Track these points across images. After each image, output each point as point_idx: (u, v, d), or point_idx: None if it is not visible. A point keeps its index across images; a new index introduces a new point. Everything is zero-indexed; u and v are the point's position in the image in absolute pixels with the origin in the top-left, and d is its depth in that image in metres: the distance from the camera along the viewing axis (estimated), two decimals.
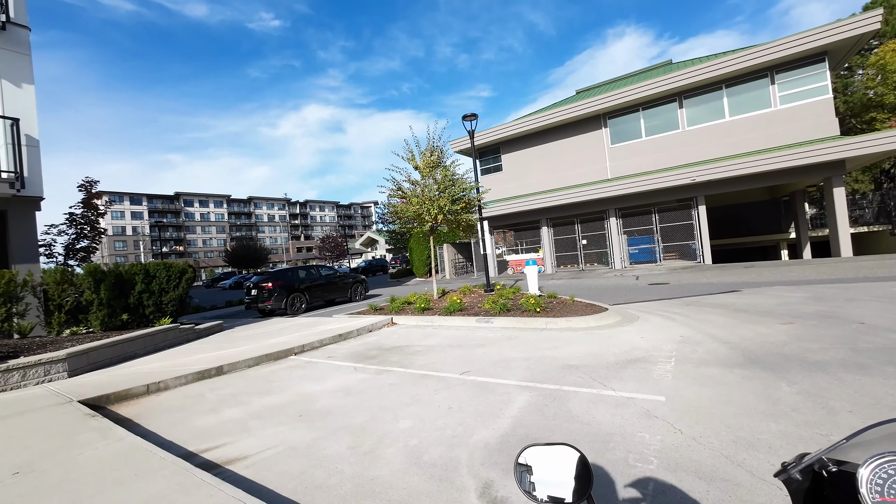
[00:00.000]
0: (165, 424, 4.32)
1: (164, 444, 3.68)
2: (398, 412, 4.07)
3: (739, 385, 3.90)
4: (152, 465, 3.01)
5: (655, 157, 17.38)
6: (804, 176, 14.87)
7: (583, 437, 3.16)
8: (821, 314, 6.34)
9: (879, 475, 0.64)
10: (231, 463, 3.29)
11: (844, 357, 4.36)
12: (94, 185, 15.89)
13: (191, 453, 3.53)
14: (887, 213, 20.86)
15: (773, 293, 8.57)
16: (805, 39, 13.88)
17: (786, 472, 0.80)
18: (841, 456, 0.75)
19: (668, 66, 20.52)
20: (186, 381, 5.89)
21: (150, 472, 2.90)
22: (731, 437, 2.94)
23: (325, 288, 15.08)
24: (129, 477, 2.86)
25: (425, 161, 11.01)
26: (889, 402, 3.27)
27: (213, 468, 3.19)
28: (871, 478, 0.64)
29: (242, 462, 3.29)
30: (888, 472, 0.64)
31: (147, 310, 9.52)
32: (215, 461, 3.34)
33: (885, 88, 22.68)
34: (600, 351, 5.59)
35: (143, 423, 4.43)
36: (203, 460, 3.37)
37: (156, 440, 3.78)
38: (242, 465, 3.23)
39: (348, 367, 6.11)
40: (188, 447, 3.66)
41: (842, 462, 0.74)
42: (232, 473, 3.10)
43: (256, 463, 3.25)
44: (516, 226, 21.92)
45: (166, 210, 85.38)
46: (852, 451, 0.74)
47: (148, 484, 2.74)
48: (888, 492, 0.62)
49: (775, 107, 15.19)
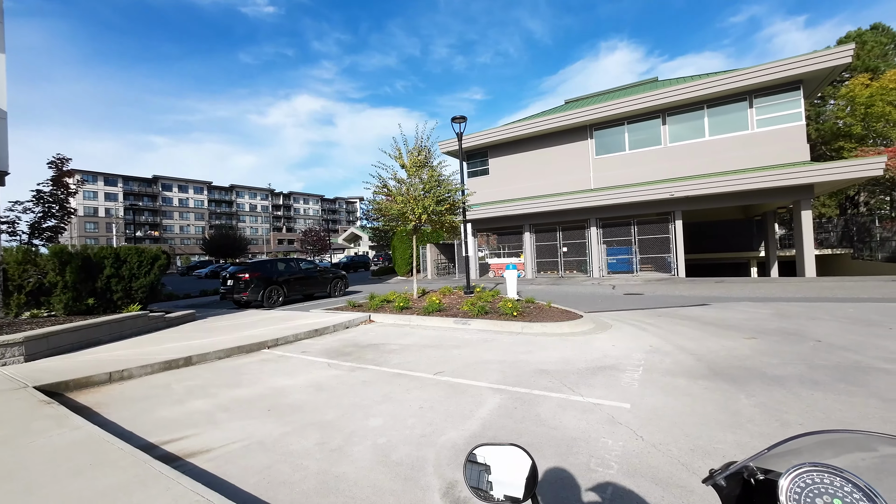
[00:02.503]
0: (127, 414, 4.19)
1: (124, 435, 3.56)
2: (369, 410, 4.06)
3: (702, 395, 4.05)
4: (110, 456, 2.91)
5: (637, 171, 17.81)
6: (775, 198, 15.51)
7: (549, 441, 3.22)
8: (783, 330, 6.62)
9: (798, 484, 0.68)
10: (193, 456, 3.21)
11: (801, 373, 4.57)
12: (65, 162, 15.23)
13: (152, 445, 3.43)
14: (850, 237, 21.96)
15: (741, 308, 8.90)
16: (783, 67, 14.49)
17: (712, 478, 0.84)
18: (767, 464, 0.79)
19: (654, 84, 21.07)
20: (152, 370, 5.71)
21: (107, 463, 2.81)
22: (689, 446, 3.04)
23: (303, 282, 14.86)
24: (84, 467, 2.77)
25: (412, 160, 10.99)
26: (838, 416, 3.44)
27: (173, 461, 3.11)
28: (790, 487, 0.68)
29: (205, 455, 3.22)
30: (806, 481, 0.68)
31: (115, 295, 9.19)
32: (177, 453, 3.26)
33: (854, 119, 23.89)
34: (573, 357, 5.70)
35: (103, 412, 4.28)
36: (164, 452, 3.28)
37: (115, 430, 3.66)
38: (205, 459, 3.16)
39: (322, 362, 6.04)
40: (149, 438, 3.56)
41: (769, 471, 0.77)
42: (193, 466, 3.03)
43: (220, 456, 3.19)
44: (500, 230, 22.10)
45: (143, 193, 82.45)
46: (779, 460, 0.78)
47: (104, 475, 2.66)
48: (805, 501, 0.66)
49: (752, 129, 15.80)
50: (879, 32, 28.11)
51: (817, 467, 0.67)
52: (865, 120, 23.35)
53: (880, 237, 19.37)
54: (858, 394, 3.89)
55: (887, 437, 0.71)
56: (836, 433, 0.75)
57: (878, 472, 0.67)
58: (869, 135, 23.80)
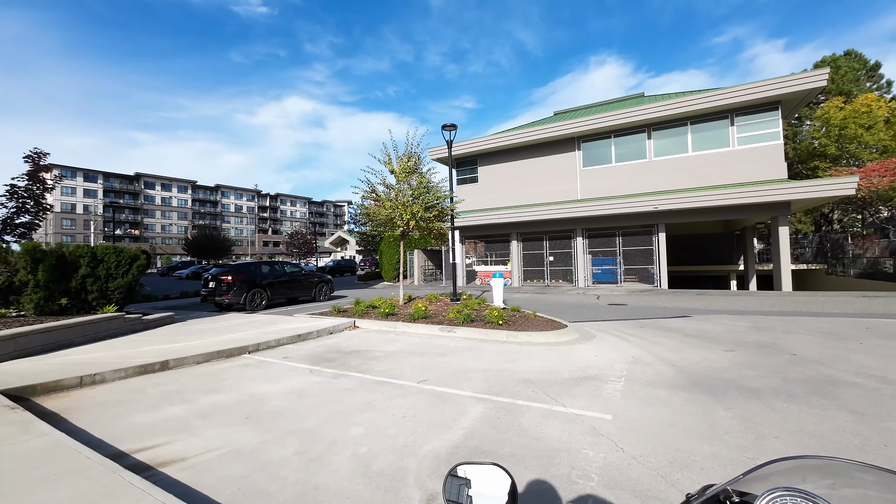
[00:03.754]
0: (98, 421, 4.04)
1: (93, 443, 3.43)
2: (351, 418, 4.00)
3: (682, 407, 4.11)
4: (76, 465, 2.80)
5: (623, 183, 18.16)
6: (754, 213, 15.99)
7: (531, 452, 3.22)
8: (760, 343, 6.79)
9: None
10: (166, 465, 3.11)
11: (776, 385, 4.68)
12: (42, 156, 14.75)
13: (122, 453, 3.31)
14: (824, 253, 22.74)
15: (721, 321, 9.10)
16: (762, 88, 15.03)
17: (689, 502, 0.85)
18: (743, 488, 0.81)
19: (640, 99, 21.61)
20: (127, 374, 5.53)
21: (73, 472, 2.69)
22: (668, 458, 3.08)
23: (288, 285, 14.64)
24: (48, 477, 2.65)
25: (402, 166, 10.99)
26: (811, 429, 3.53)
27: (145, 470, 3.00)
28: None
29: (179, 464, 3.12)
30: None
31: (90, 296, 8.90)
32: (149, 463, 3.15)
33: (828, 140, 24.89)
34: (556, 366, 5.73)
35: (72, 418, 4.12)
36: (135, 461, 3.17)
37: (84, 438, 3.53)
38: (179, 468, 3.06)
39: (304, 368, 5.94)
40: (120, 446, 3.44)
41: (744, 493, 0.79)
42: (165, 476, 2.93)
43: (195, 465, 3.10)
44: (487, 237, 22.22)
45: (124, 191, 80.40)
46: (754, 484, 0.80)
47: (69, 485, 2.55)
48: None
49: (733, 146, 16.30)
50: (852, 59, 29.45)
51: (791, 492, 0.69)
52: (839, 141, 24.35)
53: (852, 254, 20.11)
54: (830, 407, 4.00)
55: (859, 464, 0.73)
56: (810, 459, 0.78)
57: (850, 498, 0.69)
58: (842, 155, 24.82)
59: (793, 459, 0.79)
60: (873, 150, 24.18)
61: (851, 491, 0.71)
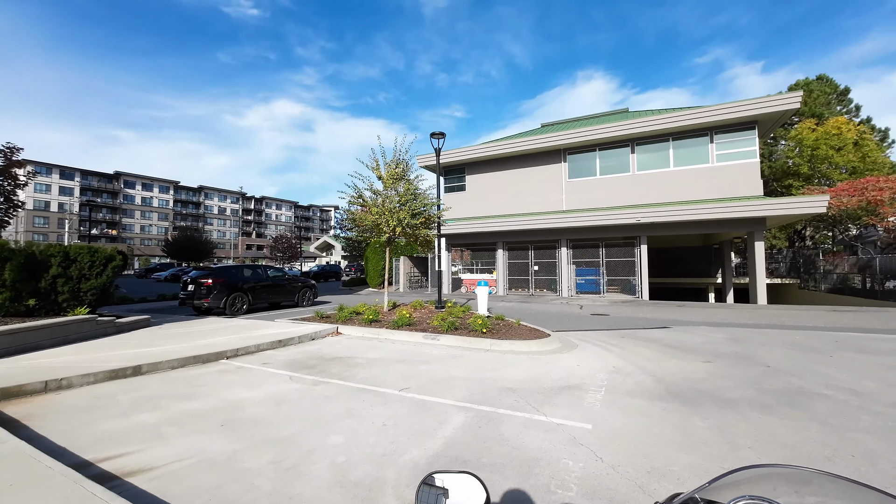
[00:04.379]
0: (62, 428, 3.86)
1: (56, 451, 3.28)
2: (330, 426, 3.92)
3: (660, 417, 4.16)
4: (36, 475, 2.66)
5: (607, 195, 18.53)
6: (732, 228, 16.48)
7: (511, 462, 3.20)
8: (736, 355, 6.95)
9: None
10: (134, 475, 2.99)
11: (751, 396, 4.79)
12: (15, 151, 14.27)
13: (87, 462, 3.16)
14: (797, 268, 23.54)
15: (699, 332, 9.30)
16: (740, 108, 15.62)
17: None
18: (710, 496, 0.82)
19: (625, 114, 22.17)
20: (96, 379, 5.32)
21: (32, 483, 2.56)
22: (646, 467, 3.11)
23: (270, 290, 14.37)
24: (3, 488, 2.51)
25: (389, 172, 10.99)
26: (783, 440, 3.62)
27: (110, 480, 2.88)
28: None
29: (148, 474, 3.00)
30: None
31: (61, 297, 8.55)
32: (115, 472, 3.02)
33: (801, 160, 25.96)
34: (539, 375, 5.75)
35: (34, 424, 3.92)
36: (100, 471, 3.03)
37: (45, 446, 3.37)
38: (147, 478, 2.94)
39: (284, 375, 5.82)
40: (85, 455, 3.29)
41: (711, 501, 0.81)
42: (132, 487, 2.81)
43: (164, 475, 2.98)
44: (474, 245, 22.30)
45: (103, 189, 78.07)
46: (722, 492, 0.81)
47: (26, 497, 2.42)
48: None
49: (712, 163, 16.83)
50: (824, 83, 30.90)
51: (755, 499, 0.70)
52: (811, 161, 25.42)
53: (823, 269, 20.88)
54: (802, 418, 4.11)
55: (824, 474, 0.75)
56: (773, 467, 0.80)
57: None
58: (815, 175, 25.90)
59: (759, 468, 0.81)
60: (843, 170, 25.31)
61: (815, 500, 0.73)
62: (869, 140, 25.33)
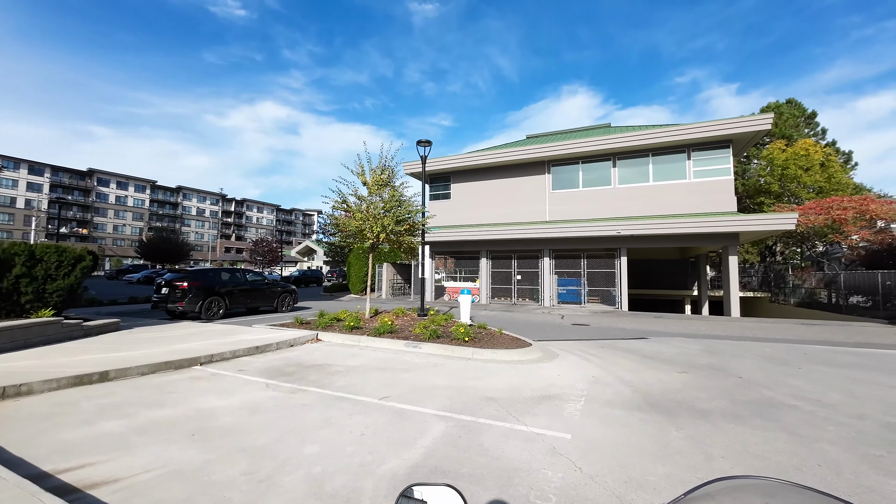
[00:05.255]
0: (20, 436, 3.65)
1: (11, 462, 3.09)
2: (306, 435, 3.83)
3: (638, 427, 4.22)
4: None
5: (589, 207, 18.92)
6: (707, 242, 17.03)
7: (491, 472, 3.19)
8: (711, 366, 7.13)
9: None
10: (96, 487, 2.84)
11: (724, 407, 4.92)
12: None
13: (45, 473, 2.99)
14: (769, 282, 24.44)
15: (675, 343, 9.51)
16: (716, 127, 16.26)
17: None
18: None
19: (607, 129, 22.77)
20: (59, 385, 5.06)
21: None
22: (624, 477, 3.14)
23: (249, 294, 14.04)
24: None
25: (375, 178, 10.95)
26: (755, 450, 3.71)
27: (70, 493, 2.73)
28: None
29: (111, 486, 2.86)
30: None
31: (24, 297, 8.14)
32: (75, 484, 2.87)
33: (772, 178, 27.12)
34: (519, 385, 5.76)
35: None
36: (59, 483, 2.87)
37: (0, 456, 3.17)
38: (109, 490, 2.80)
39: (260, 382, 5.66)
40: (43, 466, 3.11)
41: None
42: (93, 500, 2.67)
43: (128, 487, 2.84)
44: (457, 254, 22.35)
45: (74, 187, 75.14)
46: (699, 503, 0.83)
47: None
48: None
49: (689, 179, 17.41)
50: (793, 106, 32.50)
51: None
52: (781, 180, 26.58)
53: (793, 284, 21.74)
54: (772, 428, 4.23)
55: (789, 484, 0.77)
56: (749, 479, 0.82)
57: None
58: (784, 193, 27.06)
59: (732, 479, 0.83)
60: (811, 189, 26.54)
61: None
62: (834, 162, 26.68)
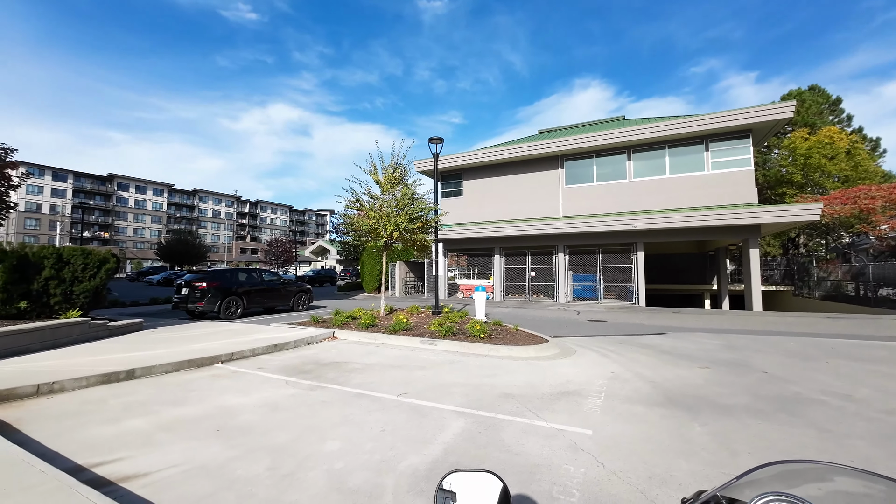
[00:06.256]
0: (53, 432, 3.79)
1: (48, 455, 3.21)
2: (326, 432, 3.88)
3: (659, 423, 4.15)
4: (28, 480, 2.60)
5: (604, 202, 18.65)
6: (727, 235, 16.62)
7: (512, 467, 3.18)
8: (732, 361, 6.97)
9: None
10: (127, 480, 2.93)
11: (748, 403, 4.80)
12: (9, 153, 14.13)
13: (80, 467, 3.10)
14: (791, 275, 23.76)
15: (695, 339, 9.32)
16: (735, 117, 15.82)
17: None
18: (733, 494, 0.82)
19: (621, 122, 22.39)
20: (88, 383, 5.24)
21: (24, 488, 2.50)
22: (647, 473, 3.09)
23: (265, 294, 14.28)
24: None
25: (387, 177, 10.99)
26: (781, 445, 3.62)
27: (104, 485, 2.82)
28: None
29: (140, 480, 2.94)
30: None
31: (53, 299, 8.44)
32: (108, 477, 2.96)
33: (794, 168, 26.28)
34: (537, 381, 5.73)
35: (26, 429, 3.85)
36: (93, 476, 2.97)
37: (37, 450, 3.29)
38: (139, 484, 2.88)
39: (279, 380, 5.76)
40: (77, 460, 3.23)
41: (734, 500, 0.80)
42: (126, 492, 2.76)
43: (157, 482, 2.93)
44: (470, 251, 22.31)
45: (95, 192, 77.39)
46: (743, 489, 0.81)
47: (21, 500, 2.36)
48: None
49: (708, 171, 17.01)
50: (816, 93, 31.40)
51: (780, 497, 0.70)
52: (804, 170, 25.74)
53: (817, 277, 21.09)
54: (798, 424, 4.11)
55: (843, 467, 0.75)
56: (795, 463, 0.79)
57: (835, 501, 0.70)
58: (808, 183, 26.22)
59: (781, 464, 0.80)
60: (835, 179, 25.65)
61: (838, 493, 0.73)
62: (861, 149, 25.71)
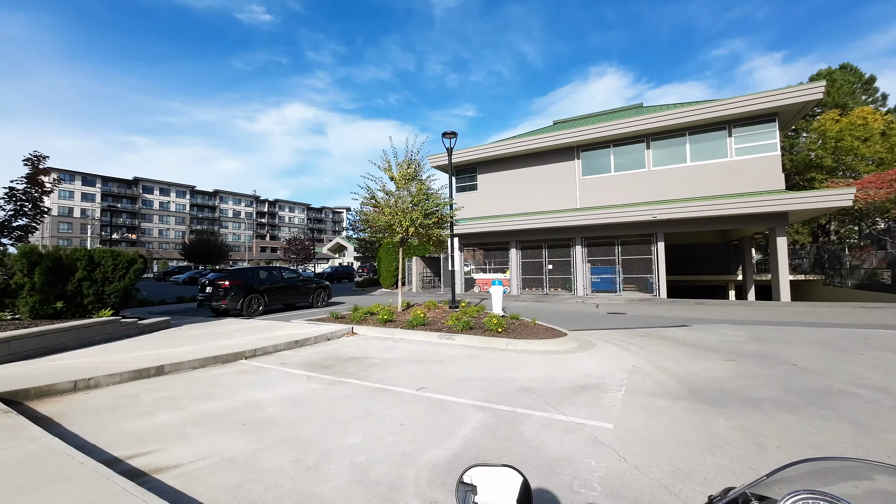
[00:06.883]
0: (91, 426, 3.97)
1: (86, 448, 3.37)
2: (348, 426, 3.95)
3: (682, 417, 4.07)
4: (69, 471, 2.74)
5: (622, 193, 18.26)
6: (752, 223, 16.06)
7: (532, 461, 3.17)
8: (759, 353, 6.76)
9: None
10: (160, 472, 3.05)
11: (776, 396, 4.65)
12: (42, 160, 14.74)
13: (116, 459, 3.25)
14: (822, 264, 22.83)
15: (719, 330, 9.08)
16: (760, 100, 15.20)
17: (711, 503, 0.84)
18: (763, 491, 0.79)
19: (639, 109, 21.81)
20: (121, 379, 5.47)
21: (65, 478, 2.64)
22: (670, 468, 3.04)
23: (285, 291, 14.58)
24: (38, 483, 2.59)
25: (402, 173, 11.01)
26: (812, 440, 3.50)
27: (138, 476, 2.95)
28: None
29: (173, 471, 3.06)
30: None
31: (86, 299, 8.82)
32: (142, 469, 3.10)
33: (824, 152, 25.14)
34: (556, 375, 5.69)
35: (66, 423, 4.05)
36: (128, 467, 3.11)
37: (76, 443, 3.47)
38: (172, 475, 3.00)
39: (301, 375, 5.88)
40: (113, 452, 3.38)
41: (763, 497, 0.78)
42: (159, 483, 2.88)
43: (188, 473, 3.04)
44: (486, 245, 22.23)
45: (122, 195, 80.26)
46: (774, 487, 0.78)
47: (60, 491, 2.49)
48: None
49: (731, 157, 16.43)
50: (848, 72, 29.87)
51: (814, 495, 0.67)
52: (835, 153, 24.59)
53: (850, 265, 20.20)
54: (831, 417, 3.97)
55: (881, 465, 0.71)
56: (830, 461, 0.76)
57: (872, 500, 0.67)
58: (839, 167, 25.05)
59: (815, 461, 0.77)
60: (869, 161, 24.42)
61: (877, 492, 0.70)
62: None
